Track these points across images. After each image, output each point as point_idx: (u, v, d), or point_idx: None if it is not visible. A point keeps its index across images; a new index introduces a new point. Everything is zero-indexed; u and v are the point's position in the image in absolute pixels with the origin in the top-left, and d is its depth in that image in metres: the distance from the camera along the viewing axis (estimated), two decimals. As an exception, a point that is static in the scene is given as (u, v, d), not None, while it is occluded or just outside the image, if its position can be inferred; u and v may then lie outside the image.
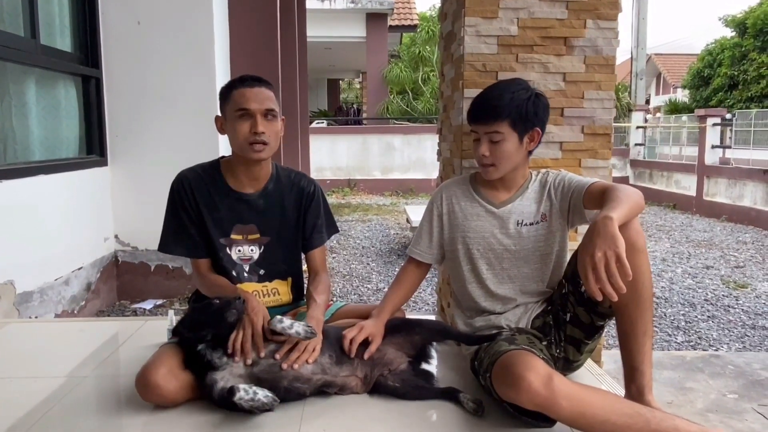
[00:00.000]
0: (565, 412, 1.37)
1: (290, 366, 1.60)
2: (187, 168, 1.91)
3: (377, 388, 1.74)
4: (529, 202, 1.83)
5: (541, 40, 2.19)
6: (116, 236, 4.01)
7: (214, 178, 1.88)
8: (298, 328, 1.63)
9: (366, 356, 1.72)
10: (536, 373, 1.39)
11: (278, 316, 1.66)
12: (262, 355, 1.61)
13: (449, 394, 1.72)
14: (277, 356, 1.62)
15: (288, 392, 1.62)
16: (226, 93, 1.83)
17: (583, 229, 2.10)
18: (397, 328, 1.83)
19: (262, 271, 1.93)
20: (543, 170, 1.91)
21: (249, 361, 1.60)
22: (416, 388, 1.75)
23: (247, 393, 1.50)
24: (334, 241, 6.55)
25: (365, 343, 1.74)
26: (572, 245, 1.91)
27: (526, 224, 1.81)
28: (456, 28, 2.30)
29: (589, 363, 1.99)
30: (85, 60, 3.80)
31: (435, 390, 1.76)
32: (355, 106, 22.88)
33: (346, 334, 1.74)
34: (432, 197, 1.98)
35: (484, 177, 1.84)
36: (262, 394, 1.52)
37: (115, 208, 3.99)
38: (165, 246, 1.89)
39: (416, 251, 1.95)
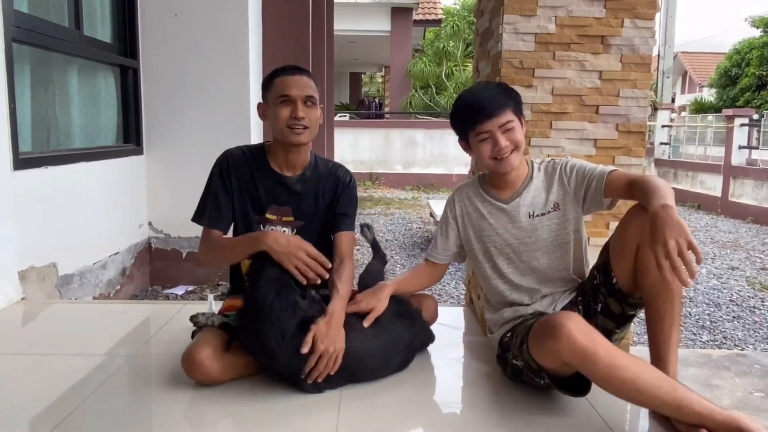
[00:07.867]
0: (602, 362, 1.42)
1: (314, 380, 1.67)
2: (234, 146, 1.99)
3: None
4: (538, 192, 1.85)
5: (578, 38, 2.22)
6: (150, 223, 4.12)
7: (257, 158, 1.95)
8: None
9: (366, 324, 1.79)
10: (576, 323, 1.46)
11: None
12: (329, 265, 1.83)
13: None
14: (303, 350, 1.64)
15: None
16: (268, 81, 1.90)
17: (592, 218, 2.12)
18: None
19: None
20: (547, 159, 1.92)
21: (319, 281, 1.80)
22: None
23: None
24: (358, 233, 6.60)
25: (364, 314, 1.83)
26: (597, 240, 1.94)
27: (537, 215, 1.84)
28: (494, 25, 2.33)
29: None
30: (123, 50, 3.89)
31: None
32: (376, 99, 22.88)
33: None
34: (446, 201, 2.04)
35: (503, 171, 1.82)
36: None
37: (149, 195, 4.09)
38: (195, 216, 1.95)
39: (433, 254, 2.03)
